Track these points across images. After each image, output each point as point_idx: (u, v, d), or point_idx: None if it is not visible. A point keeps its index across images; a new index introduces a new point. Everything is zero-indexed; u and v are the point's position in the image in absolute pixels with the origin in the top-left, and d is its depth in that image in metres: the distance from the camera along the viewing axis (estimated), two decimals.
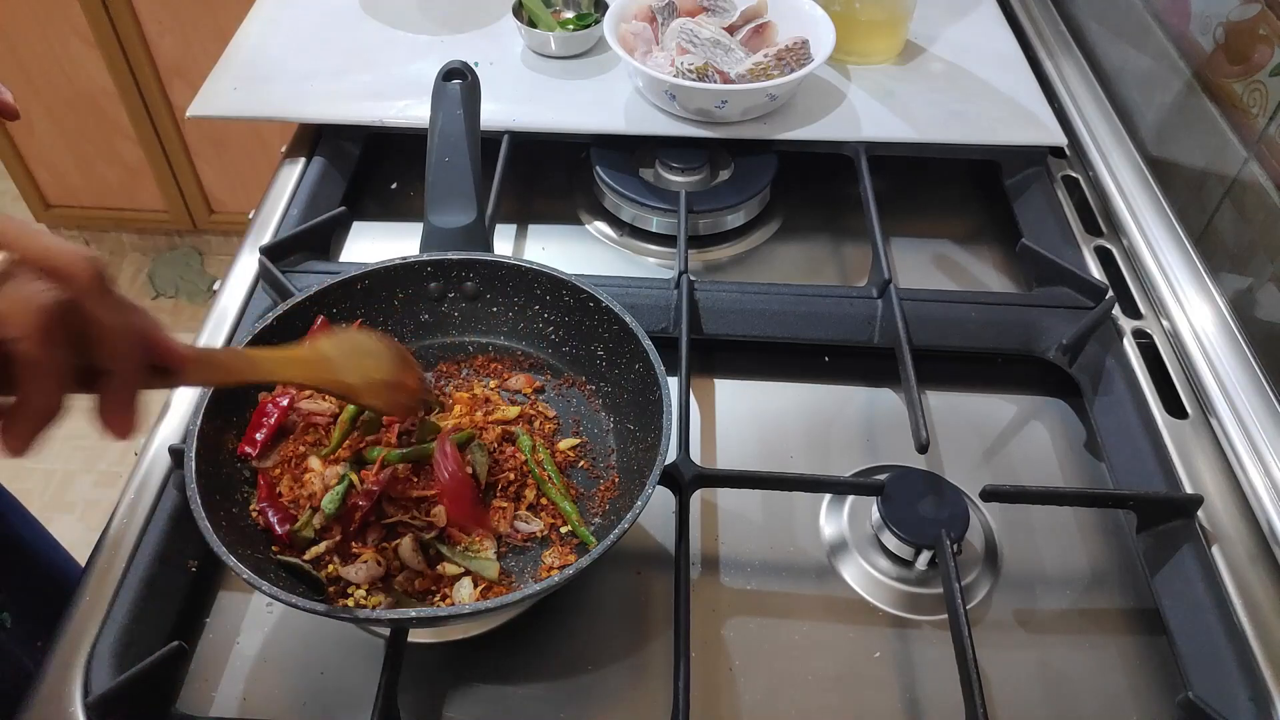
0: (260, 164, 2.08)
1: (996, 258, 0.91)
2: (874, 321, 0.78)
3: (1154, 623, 0.64)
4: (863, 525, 0.68)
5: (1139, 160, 0.93)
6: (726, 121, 0.92)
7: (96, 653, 0.57)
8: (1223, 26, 0.83)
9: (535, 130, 0.93)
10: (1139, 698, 0.61)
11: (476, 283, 0.73)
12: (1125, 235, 0.88)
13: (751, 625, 0.64)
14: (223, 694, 0.59)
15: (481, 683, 0.60)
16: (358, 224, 0.92)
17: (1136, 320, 0.81)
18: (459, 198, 0.77)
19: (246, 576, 0.51)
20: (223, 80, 0.96)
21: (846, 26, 0.96)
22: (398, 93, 0.94)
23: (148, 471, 0.67)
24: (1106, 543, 0.69)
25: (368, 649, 0.61)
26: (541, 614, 0.64)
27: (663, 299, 0.78)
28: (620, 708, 0.60)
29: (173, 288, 2.32)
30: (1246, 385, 0.74)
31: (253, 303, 0.79)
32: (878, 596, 0.65)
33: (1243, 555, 0.65)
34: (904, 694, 0.61)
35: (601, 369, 0.70)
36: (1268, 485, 0.68)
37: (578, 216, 0.94)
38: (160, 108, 2.00)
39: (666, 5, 0.96)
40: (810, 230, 0.94)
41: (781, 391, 0.79)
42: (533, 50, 1.01)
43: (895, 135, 0.93)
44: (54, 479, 1.93)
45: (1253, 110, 0.79)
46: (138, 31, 1.87)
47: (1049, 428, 0.77)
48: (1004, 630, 0.64)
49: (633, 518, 0.55)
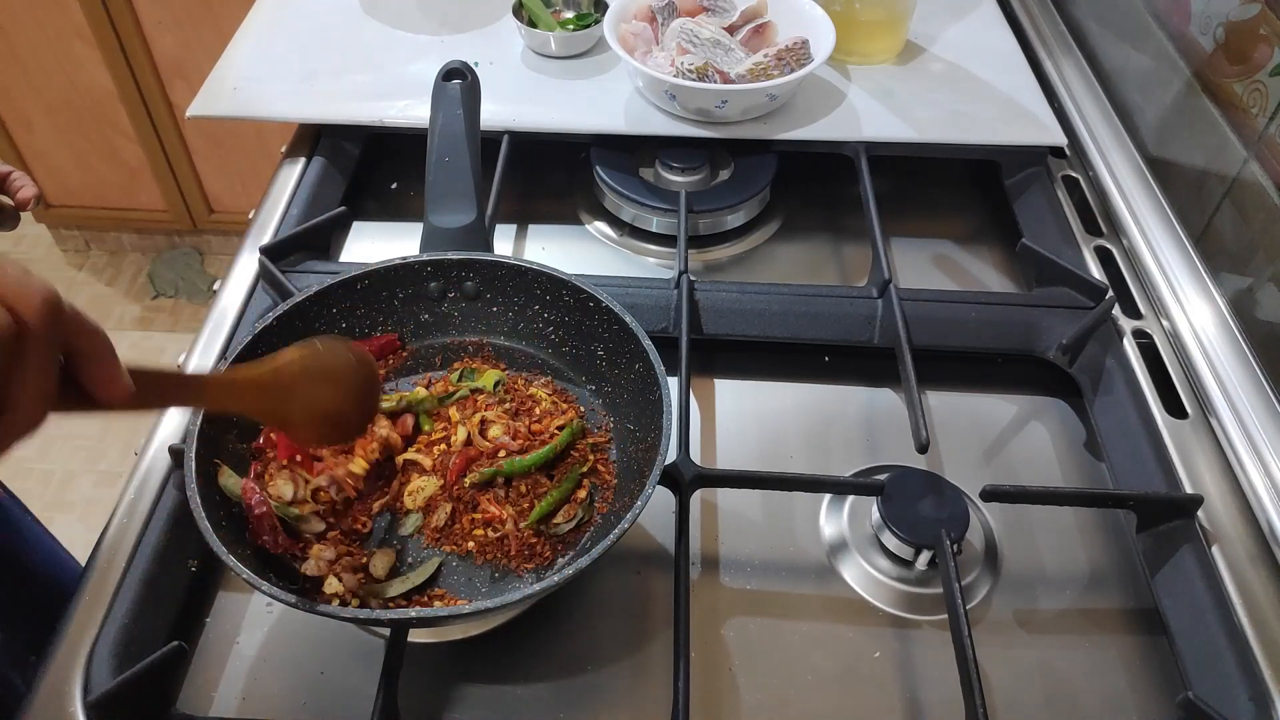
0: (260, 164, 2.08)
1: (996, 258, 0.91)
2: (874, 321, 0.78)
3: (1154, 623, 0.64)
4: (863, 525, 0.68)
5: (1139, 160, 0.93)
6: (726, 121, 0.92)
7: (96, 653, 0.57)
8: (1223, 26, 0.83)
9: (535, 130, 0.93)
10: (1139, 698, 0.61)
11: (476, 283, 0.73)
12: (1125, 235, 0.88)
13: (751, 625, 0.64)
14: (222, 694, 0.59)
15: (481, 683, 0.60)
16: (358, 224, 0.92)
17: (1136, 320, 0.81)
18: (459, 198, 0.77)
19: (246, 576, 0.51)
20: (223, 80, 0.96)
21: (846, 26, 0.96)
22: (398, 93, 0.94)
23: (148, 471, 0.67)
24: (1106, 543, 0.69)
25: (368, 649, 0.61)
26: (541, 614, 0.64)
27: (663, 299, 0.78)
28: (620, 708, 0.60)
29: (173, 288, 2.32)
30: (1246, 385, 0.74)
31: (253, 303, 0.79)
32: (878, 596, 0.65)
33: (1243, 555, 0.65)
34: (904, 694, 0.61)
35: (601, 369, 0.70)
36: (1268, 485, 0.68)
37: (578, 216, 0.94)
38: (160, 108, 2.00)
39: (666, 5, 0.96)
40: (810, 230, 0.94)
41: (781, 391, 0.79)
42: (533, 50, 1.01)
43: (895, 135, 0.93)
44: (54, 479, 1.93)
45: (1253, 110, 0.79)
46: (138, 31, 1.88)
47: (1049, 428, 0.77)
48: (1004, 630, 0.64)
49: (633, 518, 0.55)
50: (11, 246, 2.44)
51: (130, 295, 2.32)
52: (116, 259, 2.40)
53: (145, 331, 2.24)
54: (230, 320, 0.78)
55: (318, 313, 0.69)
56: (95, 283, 2.35)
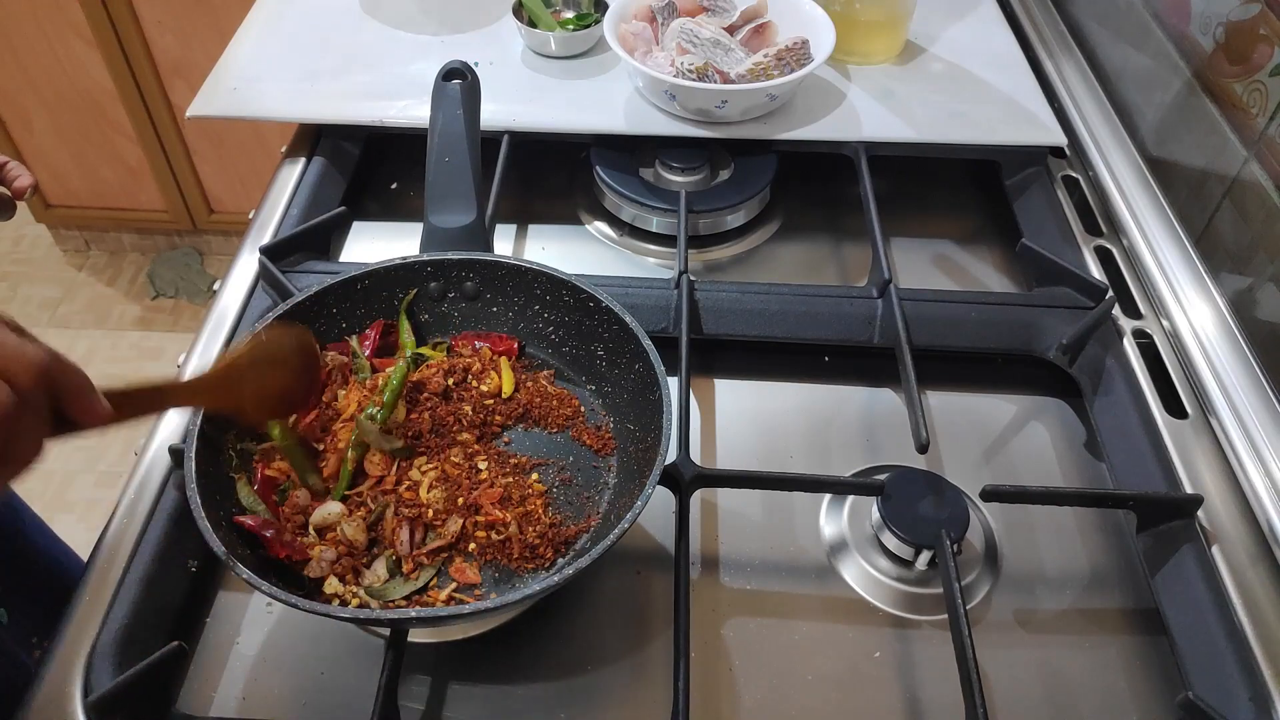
0: (260, 164, 2.08)
1: (996, 258, 0.91)
2: (874, 321, 0.78)
3: (1154, 623, 0.64)
4: (863, 525, 0.68)
5: (1139, 160, 0.93)
6: (726, 121, 0.92)
7: (96, 653, 0.57)
8: (1223, 26, 0.83)
9: (535, 130, 0.93)
10: (1139, 698, 0.61)
11: (476, 283, 0.73)
12: (1125, 235, 0.88)
13: (751, 625, 0.64)
14: (222, 694, 0.59)
15: (481, 683, 0.60)
16: (358, 224, 0.92)
17: (1136, 320, 0.81)
18: (459, 198, 0.77)
19: (246, 576, 0.51)
20: (223, 80, 0.96)
21: (846, 26, 0.96)
22: (398, 93, 0.94)
23: (148, 471, 0.67)
24: (1106, 543, 0.69)
25: (368, 649, 0.61)
26: (541, 614, 0.64)
27: (663, 299, 0.78)
28: (620, 708, 0.60)
29: (173, 288, 2.32)
30: (1246, 385, 0.74)
31: (253, 303, 0.79)
32: (878, 596, 0.65)
33: (1243, 555, 0.65)
34: (904, 694, 0.61)
35: (601, 369, 0.70)
36: (1268, 485, 0.68)
37: (578, 216, 0.94)
38: (160, 108, 2.00)
39: (666, 5, 0.96)
40: (810, 230, 0.94)
41: (781, 391, 0.79)
42: (533, 50, 1.01)
43: (895, 135, 0.93)
44: (54, 479, 1.93)
45: (1253, 110, 0.79)
46: (138, 31, 1.88)
47: (1049, 428, 0.77)
48: (1004, 630, 0.64)
49: (632, 518, 0.55)
50: (12, 247, 2.44)
51: (130, 295, 2.32)
52: (116, 259, 2.40)
53: (145, 331, 2.24)
54: (230, 320, 0.78)
55: (317, 313, 0.69)
56: (95, 283, 2.35)
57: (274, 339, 0.59)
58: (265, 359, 0.58)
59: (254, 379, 0.56)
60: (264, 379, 0.57)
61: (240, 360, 0.56)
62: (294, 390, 0.60)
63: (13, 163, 0.75)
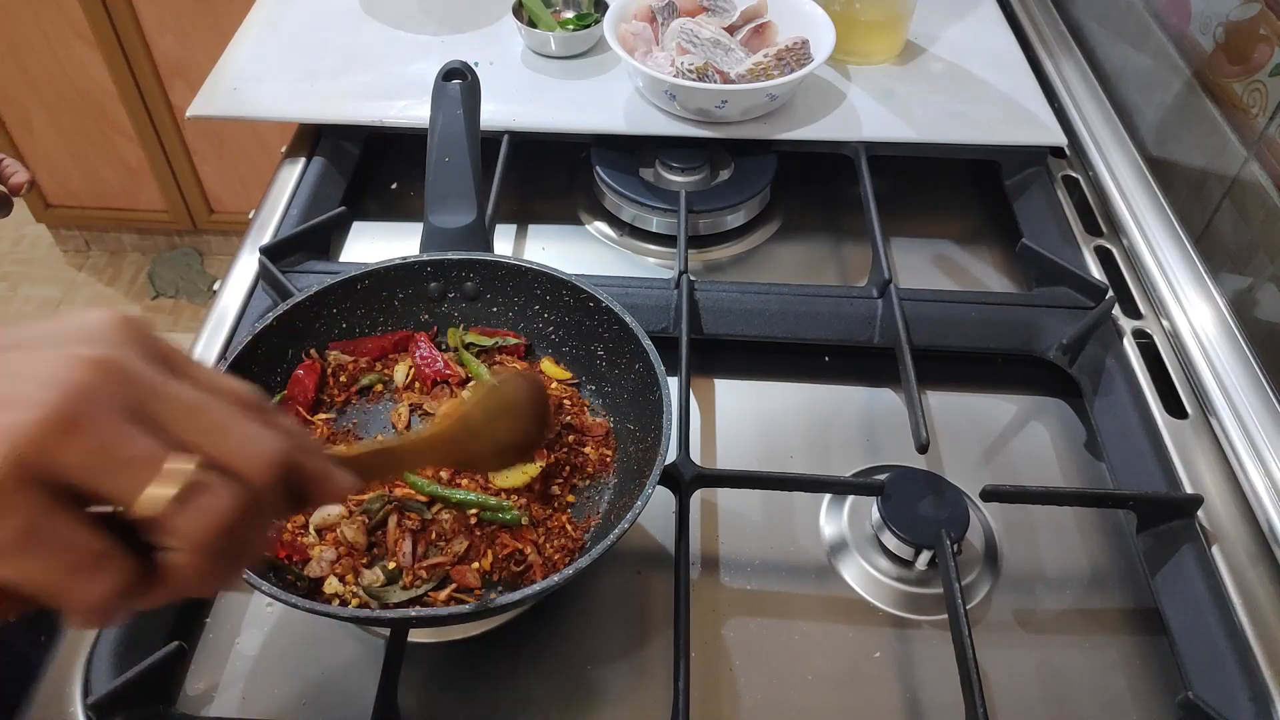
0: (260, 164, 2.08)
1: (996, 258, 0.91)
2: (874, 321, 0.78)
3: (1154, 623, 0.64)
4: (863, 525, 0.68)
5: (1139, 160, 0.93)
6: (726, 121, 0.92)
7: (96, 653, 0.57)
8: (1223, 26, 0.83)
9: (535, 130, 0.93)
10: (1139, 698, 0.61)
11: (476, 283, 0.73)
12: (1125, 235, 0.88)
13: (751, 625, 0.64)
14: (222, 694, 0.59)
15: (481, 683, 0.60)
16: (358, 224, 0.92)
17: (1136, 320, 0.81)
18: (459, 198, 0.77)
19: (246, 576, 0.51)
20: (223, 80, 0.96)
21: (846, 26, 0.96)
22: (398, 93, 0.94)
23: None
24: (1106, 543, 0.69)
25: (368, 649, 0.61)
26: (541, 614, 0.64)
27: (663, 299, 0.78)
28: (620, 708, 0.60)
29: (173, 288, 2.32)
30: (1246, 385, 0.74)
31: (253, 303, 0.79)
32: (878, 596, 0.65)
33: (1243, 555, 0.65)
34: (904, 694, 0.61)
35: (601, 369, 0.70)
36: (1268, 485, 0.68)
37: (578, 216, 0.94)
38: (160, 108, 2.00)
39: (666, 5, 0.96)
40: (810, 230, 0.94)
41: (781, 391, 0.79)
42: (533, 50, 1.01)
43: (895, 135, 0.93)
44: None
45: (1253, 110, 0.79)
46: (138, 31, 1.88)
47: (1049, 428, 0.77)
48: (1004, 630, 0.64)
49: (632, 518, 0.55)
50: (12, 247, 2.44)
51: (130, 295, 2.32)
52: (116, 259, 2.40)
53: None
54: (230, 320, 0.78)
55: (318, 313, 0.69)
56: (95, 283, 2.35)
57: (506, 386, 0.55)
58: (499, 408, 0.54)
59: (488, 431, 0.53)
60: (498, 429, 0.53)
61: (474, 413, 0.52)
62: (530, 437, 0.56)
63: (9, 159, 0.74)
